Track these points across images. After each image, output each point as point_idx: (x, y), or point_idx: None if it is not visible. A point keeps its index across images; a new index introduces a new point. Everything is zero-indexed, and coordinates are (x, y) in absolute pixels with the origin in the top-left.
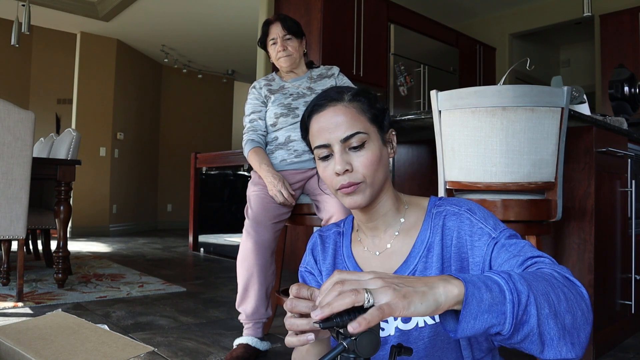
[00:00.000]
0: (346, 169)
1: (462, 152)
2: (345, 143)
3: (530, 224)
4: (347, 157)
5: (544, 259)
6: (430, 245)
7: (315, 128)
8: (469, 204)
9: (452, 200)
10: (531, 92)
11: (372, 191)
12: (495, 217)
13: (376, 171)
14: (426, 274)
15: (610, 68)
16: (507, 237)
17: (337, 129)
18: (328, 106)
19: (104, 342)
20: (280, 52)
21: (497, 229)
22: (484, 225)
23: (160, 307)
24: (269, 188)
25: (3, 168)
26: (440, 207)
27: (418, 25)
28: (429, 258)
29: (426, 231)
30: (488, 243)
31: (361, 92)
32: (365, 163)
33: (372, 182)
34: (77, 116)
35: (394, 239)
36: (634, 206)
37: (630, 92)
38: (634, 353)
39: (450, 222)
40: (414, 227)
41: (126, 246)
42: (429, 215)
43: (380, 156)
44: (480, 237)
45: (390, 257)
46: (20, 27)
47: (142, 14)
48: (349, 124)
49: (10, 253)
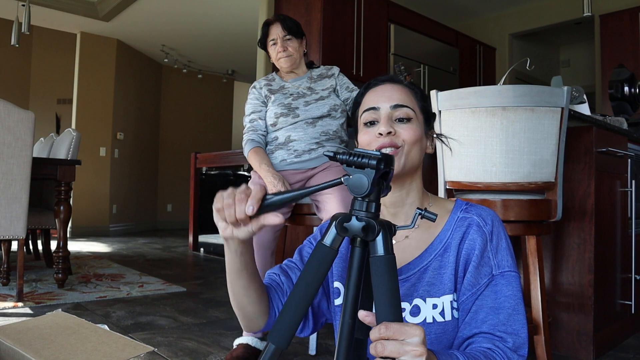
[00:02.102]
0: (390, 131)
1: (462, 152)
2: (393, 110)
3: (530, 224)
4: (392, 124)
5: (501, 349)
6: (447, 246)
7: (368, 97)
8: (493, 221)
9: (480, 210)
10: (531, 92)
11: (406, 162)
12: (506, 249)
13: (414, 145)
14: (441, 272)
15: (610, 68)
16: (501, 283)
17: (390, 99)
18: (387, 82)
19: (104, 342)
20: (280, 52)
21: (500, 267)
22: (492, 256)
23: (160, 307)
24: (269, 188)
25: (3, 168)
26: (468, 214)
27: (418, 25)
28: (444, 257)
29: (447, 232)
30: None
31: (418, 86)
32: (408, 132)
33: (409, 151)
34: (77, 116)
35: (414, 230)
36: (634, 206)
37: (630, 92)
38: (634, 353)
39: (472, 232)
40: (435, 225)
41: (126, 246)
42: (452, 217)
43: (421, 137)
44: (484, 266)
45: (405, 248)
46: (20, 27)
47: (142, 14)
48: (402, 98)
49: (10, 253)
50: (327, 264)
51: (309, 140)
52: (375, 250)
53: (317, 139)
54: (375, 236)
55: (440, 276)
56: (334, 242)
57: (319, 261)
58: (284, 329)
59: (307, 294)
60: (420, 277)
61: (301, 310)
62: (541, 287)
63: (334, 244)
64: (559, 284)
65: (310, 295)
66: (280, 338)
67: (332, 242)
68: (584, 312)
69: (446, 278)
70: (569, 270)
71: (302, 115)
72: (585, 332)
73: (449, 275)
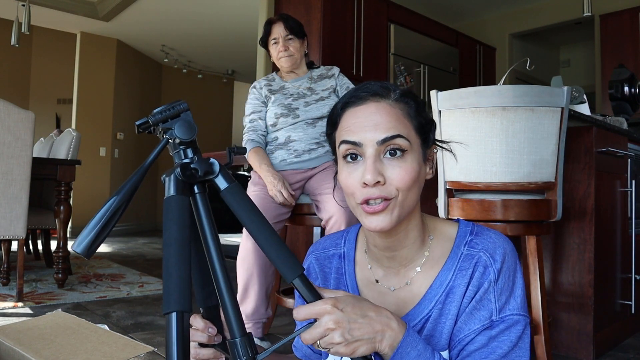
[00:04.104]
0: (378, 181)
1: (462, 152)
2: (382, 146)
3: (530, 224)
4: (380, 166)
5: None
6: (450, 290)
7: (348, 122)
8: (504, 258)
9: (488, 241)
10: (531, 92)
11: (400, 213)
12: (516, 287)
13: (410, 190)
14: (441, 322)
15: (610, 68)
16: (500, 330)
17: (375, 128)
18: (369, 101)
19: (104, 342)
20: (281, 52)
21: (503, 311)
22: (494, 298)
23: (160, 307)
24: (269, 188)
25: (3, 168)
26: (474, 249)
27: (418, 25)
28: (446, 304)
29: (448, 272)
30: (483, 322)
31: (410, 93)
32: (402, 176)
33: (403, 201)
34: (77, 116)
35: (415, 274)
36: (634, 206)
37: (630, 92)
38: (634, 353)
39: (476, 276)
40: (437, 264)
41: (126, 246)
42: (455, 252)
43: (418, 174)
44: (480, 310)
45: (406, 297)
46: (20, 27)
47: (142, 14)
48: (391, 126)
49: (10, 253)
50: (187, 210)
51: (309, 140)
52: (222, 184)
53: (317, 139)
54: (217, 174)
55: (440, 327)
56: (181, 190)
57: (179, 212)
58: (180, 291)
59: (183, 248)
60: (421, 330)
61: (187, 267)
62: (541, 287)
63: (184, 192)
64: (559, 284)
65: (187, 248)
66: (178, 302)
67: (179, 191)
68: (584, 312)
69: (446, 330)
70: (569, 270)
71: (302, 115)
72: (585, 332)
73: (449, 327)
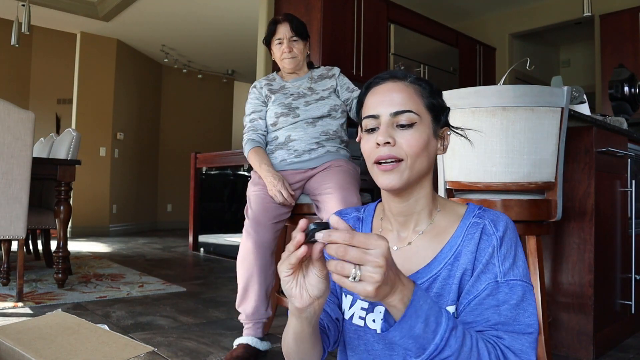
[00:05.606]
0: (387, 141)
1: (462, 152)
2: (394, 118)
3: (530, 224)
4: (392, 132)
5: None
6: (458, 253)
7: (369, 100)
8: (506, 228)
9: (494, 215)
10: (531, 92)
11: (410, 176)
12: (517, 258)
13: (419, 156)
14: (449, 282)
15: (610, 68)
16: (507, 289)
17: (390, 102)
18: (388, 81)
19: (104, 342)
20: (285, 53)
21: (507, 275)
22: (498, 263)
23: (160, 307)
24: (269, 188)
25: (3, 168)
26: (480, 219)
27: (418, 25)
28: (454, 266)
29: (458, 238)
30: (488, 282)
31: (424, 79)
32: (409, 141)
33: (412, 164)
34: (77, 116)
35: (416, 236)
36: (634, 206)
37: (630, 92)
38: (634, 353)
39: (483, 240)
40: (445, 232)
41: (126, 246)
42: (464, 223)
43: (427, 143)
44: (487, 273)
45: (411, 258)
46: (20, 27)
47: (142, 14)
48: (403, 101)
49: (10, 253)
50: None
51: (309, 140)
52: None
53: (317, 139)
54: None
55: (448, 286)
56: None
57: None
58: None
59: None
60: (429, 287)
61: None
62: (541, 287)
63: None
64: (559, 284)
65: None
66: None
67: None
68: (584, 312)
69: (454, 288)
70: (569, 270)
71: (302, 115)
72: (585, 332)
73: (456, 284)
